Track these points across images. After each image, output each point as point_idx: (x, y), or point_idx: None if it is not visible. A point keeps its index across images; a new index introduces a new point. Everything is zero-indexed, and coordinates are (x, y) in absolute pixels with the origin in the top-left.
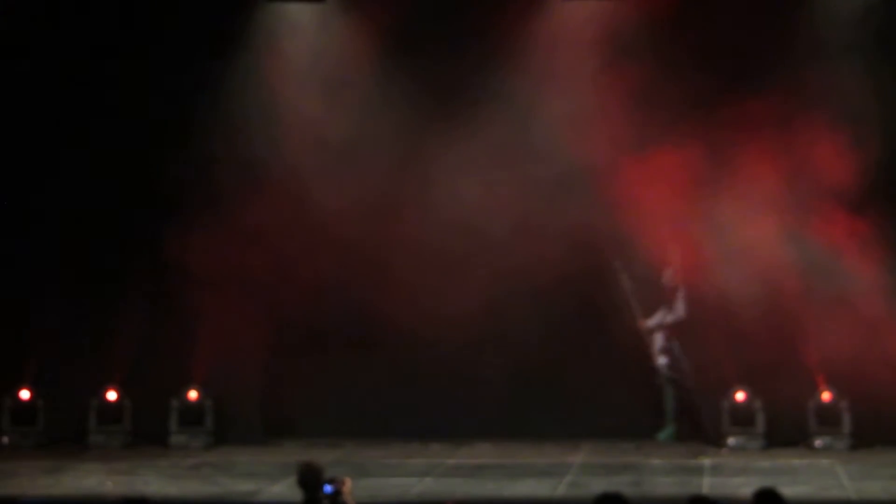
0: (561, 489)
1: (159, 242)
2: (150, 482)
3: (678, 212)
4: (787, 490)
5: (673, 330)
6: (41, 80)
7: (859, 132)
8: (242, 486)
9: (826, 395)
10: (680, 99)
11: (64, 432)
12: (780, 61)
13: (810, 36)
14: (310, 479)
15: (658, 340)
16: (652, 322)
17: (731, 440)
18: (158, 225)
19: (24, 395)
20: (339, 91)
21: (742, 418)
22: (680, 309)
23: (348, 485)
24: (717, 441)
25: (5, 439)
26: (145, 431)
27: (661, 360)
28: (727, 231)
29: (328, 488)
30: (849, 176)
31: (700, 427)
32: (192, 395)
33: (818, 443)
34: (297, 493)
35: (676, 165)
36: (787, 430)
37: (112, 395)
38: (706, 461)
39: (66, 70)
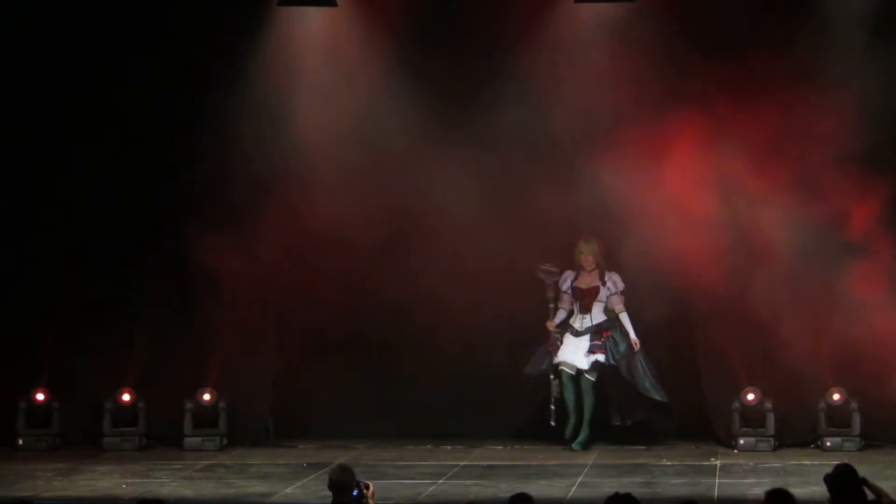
0: (573, 490)
1: (175, 245)
2: (165, 484)
3: (687, 205)
4: (797, 490)
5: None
6: (48, 81)
7: (866, 110)
8: (256, 488)
9: (836, 396)
10: (683, 85)
11: (78, 434)
12: (786, 40)
13: (815, 10)
14: (341, 481)
15: (579, 343)
16: (557, 322)
17: (741, 441)
18: (174, 228)
19: (39, 397)
20: (351, 94)
21: (753, 419)
22: (597, 314)
23: (372, 489)
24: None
25: (20, 441)
26: (159, 434)
27: (594, 359)
28: (735, 222)
29: (355, 492)
30: (857, 155)
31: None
32: (206, 397)
33: (829, 444)
34: (310, 495)
35: (683, 153)
36: (797, 430)
37: (127, 398)
38: (717, 462)
39: (71, 71)
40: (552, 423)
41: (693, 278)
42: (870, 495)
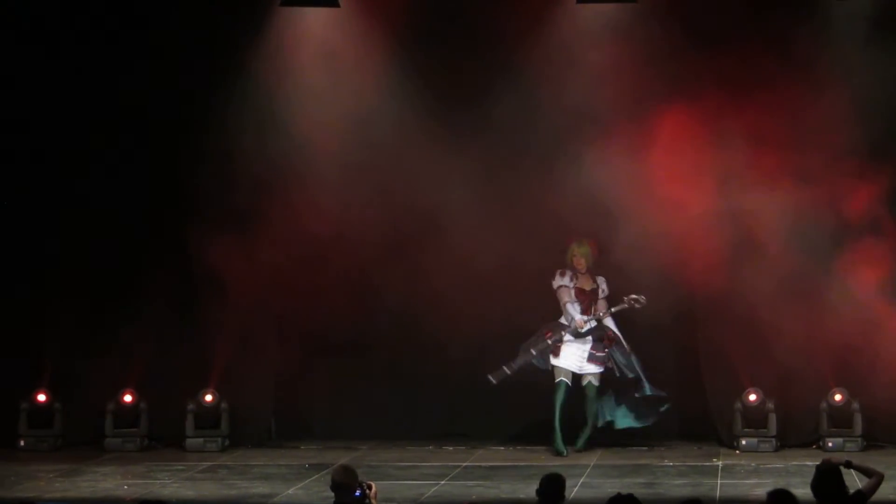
0: (575, 491)
1: (176, 245)
2: (167, 485)
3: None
4: (799, 491)
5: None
6: (49, 80)
7: (866, 103)
8: (258, 489)
9: (838, 397)
10: (684, 83)
11: (80, 435)
12: (787, 37)
13: (817, 9)
14: (344, 482)
15: (581, 346)
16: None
17: (743, 441)
18: (176, 227)
19: (41, 398)
20: (354, 94)
21: (754, 420)
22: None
23: (374, 490)
24: (730, 442)
25: (22, 442)
26: (161, 434)
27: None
28: (737, 221)
29: (357, 492)
30: (860, 151)
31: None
32: (208, 398)
33: (830, 444)
34: (312, 496)
35: (683, 150)
36: (799, 431)
37: (128, 399)
38: (719, 462)
39: (73, 71)
40: (492, 381)
41: (694, 278)
42: (854, 477)
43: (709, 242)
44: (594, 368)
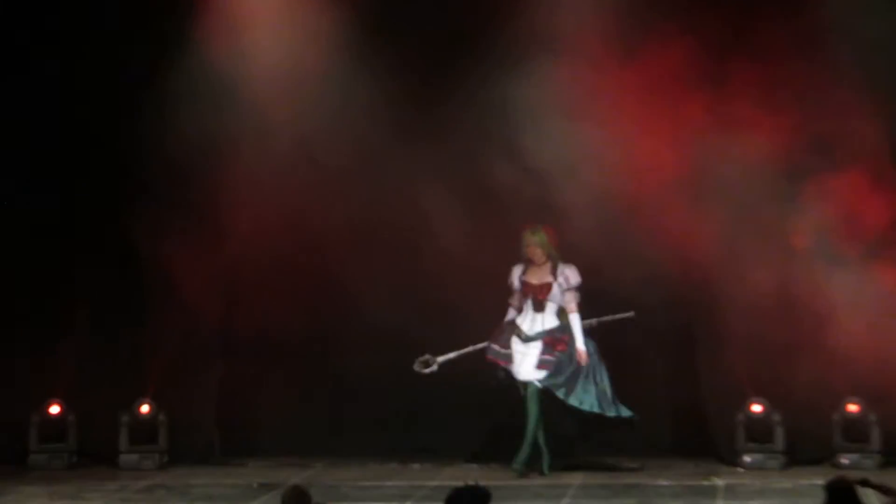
0: None
1: (112, 241)
2: None
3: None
4: None
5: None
6: None
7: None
8: None
9: (853, 408)
10: (683, 71)
11: (1, 452)
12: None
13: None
14: None
15: (527, 351)
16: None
17: (747, 458)
18: (107, 228)
19: None
20: (309, 81)
21: (760, 433)
22: (550, 315)
23: None
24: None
25: None
26: (92, 450)
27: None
28: (738, 221)
29: None
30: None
31: None
32: (144, 409)
33: (844, 460)
34: None
35: (681, 143)
36: (809, 446)
37: (55, 410)
38: (719, 482)
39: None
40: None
41: (691, 271)
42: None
43: (708, 229)
44: (541, 374)
